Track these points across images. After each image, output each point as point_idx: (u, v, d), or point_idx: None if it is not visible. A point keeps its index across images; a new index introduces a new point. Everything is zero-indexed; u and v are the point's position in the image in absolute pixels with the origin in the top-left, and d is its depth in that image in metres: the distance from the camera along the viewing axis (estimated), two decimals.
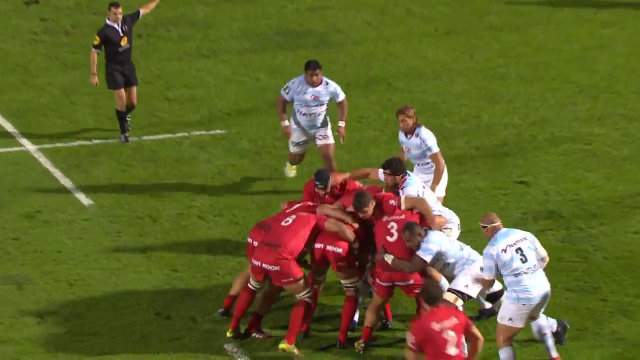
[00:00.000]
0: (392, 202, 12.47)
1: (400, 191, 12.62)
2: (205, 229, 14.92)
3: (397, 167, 12.74)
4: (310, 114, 15.31)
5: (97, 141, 17.50)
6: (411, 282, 12.10)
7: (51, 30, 21.49)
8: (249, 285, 12.55)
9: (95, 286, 13.53)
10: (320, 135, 15.34)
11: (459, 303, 12.03)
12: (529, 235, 11.97)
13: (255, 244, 12.56)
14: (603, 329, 12.71)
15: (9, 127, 17.95)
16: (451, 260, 12.19)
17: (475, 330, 11.04)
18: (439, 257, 12.12)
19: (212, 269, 13.95)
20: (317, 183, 13.10)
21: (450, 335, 10.71)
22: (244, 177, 16.43)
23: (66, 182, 16.25)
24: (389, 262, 12.09)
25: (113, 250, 14.38)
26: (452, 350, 10.69)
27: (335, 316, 12.83)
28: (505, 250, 11.70)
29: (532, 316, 11.89)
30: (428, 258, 12.05)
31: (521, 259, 11.69)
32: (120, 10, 16.73)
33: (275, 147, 17.31)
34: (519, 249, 11.74)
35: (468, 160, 16.87)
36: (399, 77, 19.75)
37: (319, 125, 15.36)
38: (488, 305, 12.68)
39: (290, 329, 12.18)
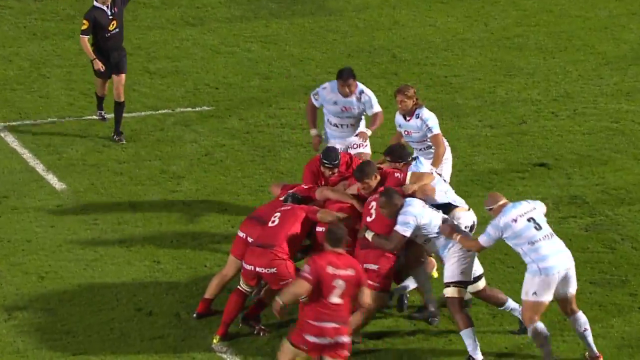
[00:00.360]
0: (397, 174, 12.49)
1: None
2: (191, 216, 14.93)
3: (399, 153, 12.68)
4: (342, 125, 14.40)
5: (71, 118, 17.50)
6: (376, 267, 12.16)
7: None
8: (239, 288, 12.55)
9: (69, 279, 13.56)
10: (355, 144, 14.35)
11: (462, 293, 12.11)
12: (538, 205, 12.15)
13: (250, 239, 12.53)
14: (632, 326, 12.74)
15: None
16: (433, 235, 12.26)
17: (367, 294, 11.22)
18: (418, 231, 12.19)
19: (198, 260, 13.97)
20: (325, 162, 13.02)
21: (339, 284, 11.00)
22: (233, 158, 16.44)
23: (36, 164, 16.25)
24: (369, 238, 12.23)
25: (89, 239, 14.40)
26: (334, 299, 10.99)
27: None
28: (515, 220, 11.91)
29: (563, 297, 12.01)
30: (407, 232, 12.14)
31: (535, 227, 11.94)
32: None
33: (268, 126, 17.31)
34: (531, 218, 11.97)
35: (482, 140, 16.88)
36: (406, 47, 19.75)
37: (353, 136, 14.39)
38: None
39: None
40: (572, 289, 12.07)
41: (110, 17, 16.41)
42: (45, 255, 14.09)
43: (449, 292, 12.15)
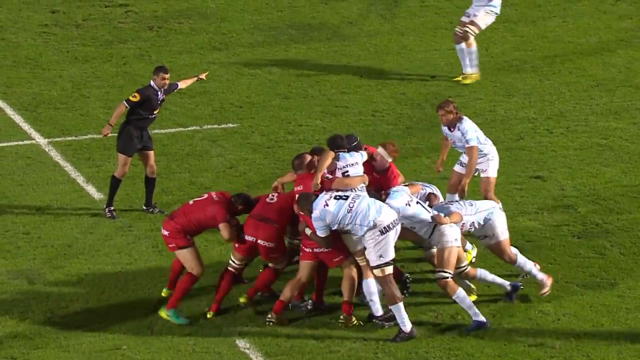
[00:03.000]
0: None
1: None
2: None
3: (336, 143, 12.85)
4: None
5: (108, 135, 17.49)
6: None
7: (62, 23, 21.52)
8: (229, 267, 12.82)
9: (106, 281, 13.55)
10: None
11: (389, 271, 12.26)
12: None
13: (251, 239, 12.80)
14: (620, 325, 12.68)
15: (20, 121, 17.99)
16: (348, 227, 12.36)
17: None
18: (333, 226, 12.36)
19: (224, 263, 13.95)
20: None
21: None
22: (256, 171, 16.43)
23: (77, 176, 16.27)
24: (307, 234, 12.52)
25: (124, 245, 14.39)
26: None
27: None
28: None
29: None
30: (324, 234, 12.41)
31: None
32: (168, 77, 15.00)
33: (288, 141, 17.31)
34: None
35: None
36: (413, 70, 19.72)
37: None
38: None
39: (255, 287, 12.84)
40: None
41: (159, 102, 15.13)
42: (84, 259, 14.10)
43: (377, 272, 12.33)
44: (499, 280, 12.97)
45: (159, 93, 15.13)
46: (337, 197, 12.41)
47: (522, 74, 19.59)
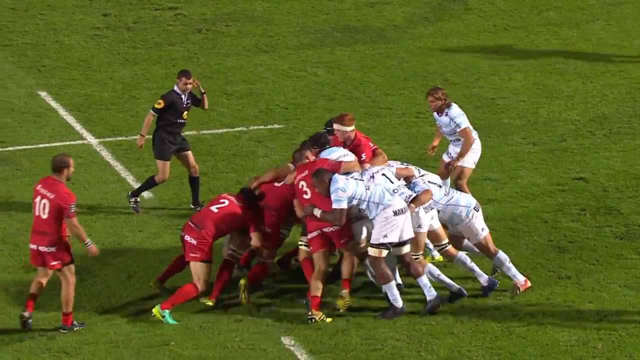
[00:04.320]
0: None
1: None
2: None
3: (317, 140, 13.17)
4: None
5: None
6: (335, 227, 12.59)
7: (113, 26, 21.70)
8: (228, 257, 13.09)
9: (154, 278, 13.62)
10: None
11: (384, 254, 12.44)
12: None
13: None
14: None
15: (72, 121, 18.16)
16: (363, 206, 12.55)
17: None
18: (351, 201, 12.49)
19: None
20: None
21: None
22: None
23: (127, 175, 16.39)
24: (318, 215, 12.61)
25: (172, 242, 14.46)
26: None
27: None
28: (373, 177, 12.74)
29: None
30: (344, 205, 12.48)
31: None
32: (191, 81, 15.02)
33: None
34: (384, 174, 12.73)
35: (525, 156, 16.75)
36: (456, 72, 19.66)
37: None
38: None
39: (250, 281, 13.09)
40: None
41: (185, 105, 15.10)
42: (133, 256, 14.19)
43: (372, 251, 12.46)
44: (476, 270, 12.92)
45: (183, 97, 15.10)
46: (354, 178, 12.68)
47: (565, 76, 19.45)
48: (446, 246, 12.97)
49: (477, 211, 13.01)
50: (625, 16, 21.59)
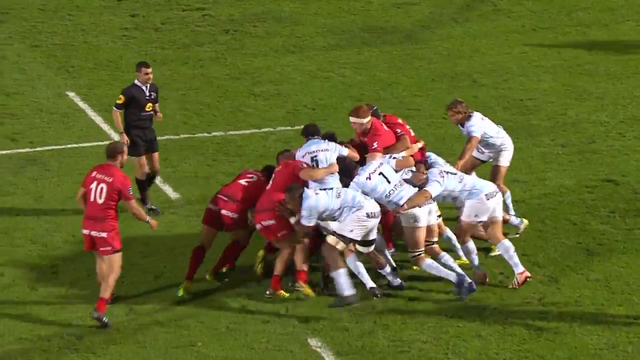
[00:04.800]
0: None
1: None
2: None
3: (310, 130, 13.59)
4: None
5: (185, 135, 17.68)
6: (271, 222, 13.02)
7: (141, 27, 21.79)
8: (200, 245, 13.46)
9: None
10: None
11: (340, 246, 12.74)
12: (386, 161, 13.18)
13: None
14: None
15: (100, 122, 18.25)
16: (336, 213, 12.83)
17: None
18: (320, 216, 12.80)
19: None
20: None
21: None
22: None
23: None
24: (292, 221, 12.96)
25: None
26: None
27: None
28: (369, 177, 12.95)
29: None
30: (312, 223, 12.87)
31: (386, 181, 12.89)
32: (150, 70, 14.99)
33: None
34: (381, 172, 12.85)
35: (554, 158, 16.69)
36: (485, 73, 19.61)
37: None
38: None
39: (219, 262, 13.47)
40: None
41: (147, 98, 15.02)
42: (160, 257, 14.24)
43: (331, 239, 12.76)
44: (452, 273, 12.98)
45: (145, 89, 15.08)
46: (323, 189, 12.93)
47: (595, 77, 19.35)
48: (432, 244, 13.15)
49: (489, 199, 13.12)
50: None
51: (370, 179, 12.97)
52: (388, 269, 13.14)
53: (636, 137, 17.31)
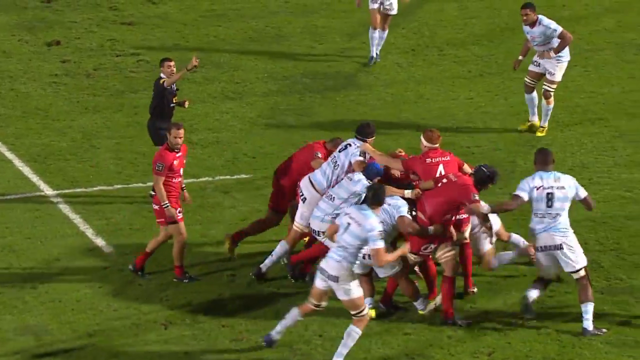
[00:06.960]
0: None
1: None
2: (227, 280, 14.84)
3: (364, 131, 14.94)
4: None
5: (118, 186, 17.52)
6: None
7: (72, 73, 21.62)
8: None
9: (116, 338, 13.48)
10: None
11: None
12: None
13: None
14: None
15: (28, 172, 18.02)
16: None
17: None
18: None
19: (236, 322, 13.86)
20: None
21: None
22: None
23: (86, 229, 16.25)
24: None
25: (134, 299, 14.33)
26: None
27: None
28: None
29: None
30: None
31: None
32: (173, 63, 16.85)
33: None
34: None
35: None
36: (430, 119, 19.71)
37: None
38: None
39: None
40: None
41: (175, 89, 16.98)
42: (93, 314, 14.03)
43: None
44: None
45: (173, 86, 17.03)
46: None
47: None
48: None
49: None
50: (603, 62, 21.77)
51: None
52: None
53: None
